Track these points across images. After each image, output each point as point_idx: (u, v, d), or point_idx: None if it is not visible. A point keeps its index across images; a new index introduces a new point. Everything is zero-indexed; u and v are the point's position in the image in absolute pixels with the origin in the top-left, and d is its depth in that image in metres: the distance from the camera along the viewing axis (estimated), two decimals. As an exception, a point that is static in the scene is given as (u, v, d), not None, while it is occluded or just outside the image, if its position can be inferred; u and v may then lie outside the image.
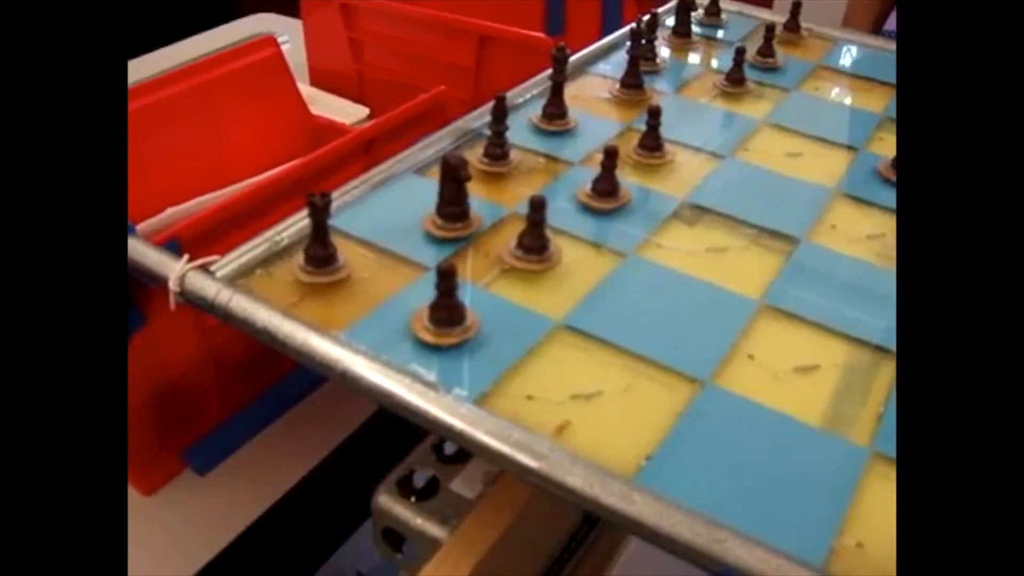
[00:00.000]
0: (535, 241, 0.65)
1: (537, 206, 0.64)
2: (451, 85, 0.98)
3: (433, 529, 0.56)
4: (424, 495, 0.60)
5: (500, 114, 0.77)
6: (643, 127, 0.81)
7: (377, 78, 1.26)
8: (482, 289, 0.64)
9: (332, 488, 0.87)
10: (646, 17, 0.98)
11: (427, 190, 0.74)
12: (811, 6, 1.17)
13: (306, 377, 0.90)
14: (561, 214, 0.72)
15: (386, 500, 0.57)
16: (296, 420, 0.88)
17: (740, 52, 0.96)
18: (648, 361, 0.59)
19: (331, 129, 1.05)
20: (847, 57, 1.09)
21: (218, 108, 0.99)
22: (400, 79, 1.22)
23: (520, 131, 0.84)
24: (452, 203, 0.68)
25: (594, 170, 0.74)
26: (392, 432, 0.92)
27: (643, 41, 0.96)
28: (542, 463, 0.50)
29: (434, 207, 0.69)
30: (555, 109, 0.85)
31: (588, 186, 0.74)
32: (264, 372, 0.85)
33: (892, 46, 1.14)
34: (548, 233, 0.68)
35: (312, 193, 0.62)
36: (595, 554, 0.72)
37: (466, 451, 0.59)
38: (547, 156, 0.81)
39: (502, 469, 0.52)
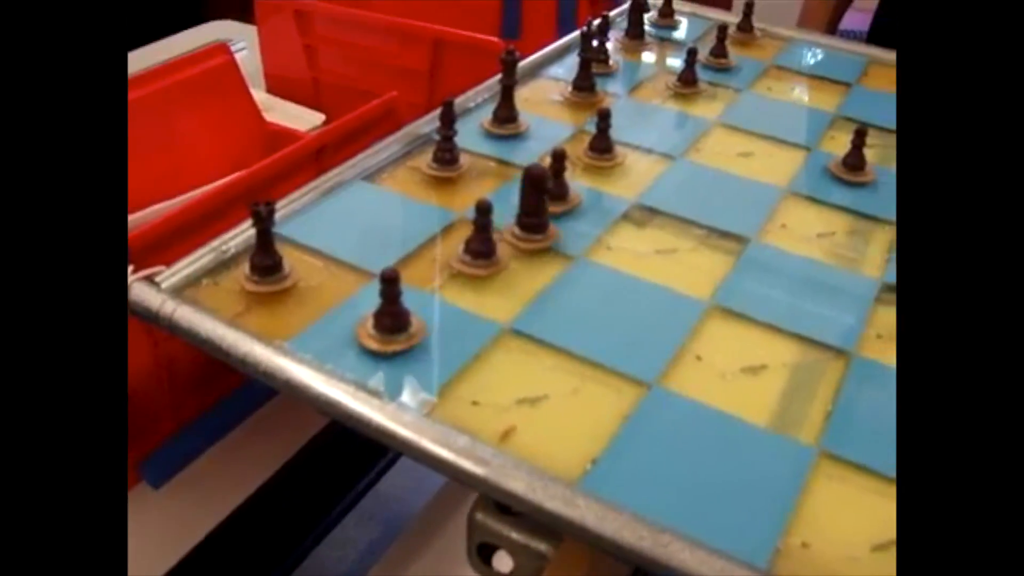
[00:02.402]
0: (482, 245, 0.65)
1: (483, 210, 0.64)
2: (406, 90, 0.98)
3: (539, 544, 0.54)
4: (509, 510, 0.57)
5: (448, 119, 0.76)
6: (594, 130, 0.81)
7: (333, 84, 1.25)
8: (429, 295, 0.64)
9: (289, 499, 0.86)
10: (596, 21, 0.98)
11: (376, 197, 0.74)
12: (766, 7, 1.17)
13: (261, 387, 0.90)
14: (511, 219, 0.72)
15: (483, 516, 0.55)
16: (252, 431, 0.87)
17: (692, 53, 0.96)
18: (595, 364, 0.58)
19: (286, 136, 1.05)
20: (800, 57, 1.10)
21: (171, 116, 0.98)
22: (356, 84, 1.21)
23: (471, 135, 0.84)
24: (535, 214, 0.69)
25: (544, 174, 0.74)
26: (350, 441, 0.92)
27: (595, 43, 0.96)
28: (486, 469, 0.50)
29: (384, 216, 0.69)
30: (506, 113, 0.85)
31: (538, 190, 0.74)
32: (218, 382, 0.84)
33: (846, 45, 1.14)
34: (496, 237, 0.67)
35: (256, 202, 0.62)
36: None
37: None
38: (498, 160, 0.81)
39: (446, 475, 0.51)
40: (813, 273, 0.70)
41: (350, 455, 0.94)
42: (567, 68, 0.98)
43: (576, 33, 1.04)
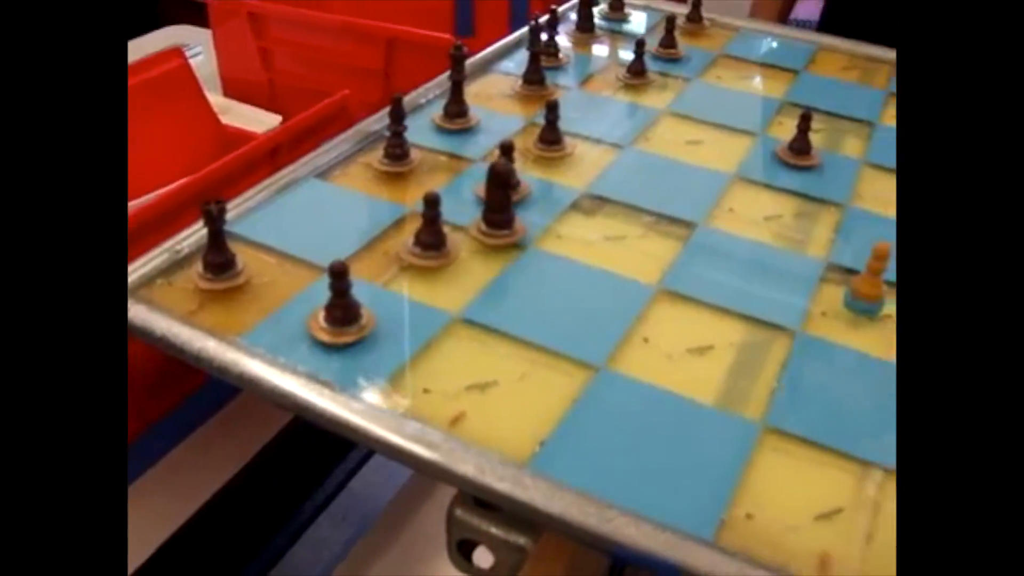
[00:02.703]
0: (431, 238, 0.66)
1: (431, 202, 0.65)
2: (361, 89, 0.99)
3: (518, 538, 0.54)
4: (491, 505, 0.56)
5: (398, 115, 0.77)
6: (544, 122, 0.82)
7: (289, 85, 1.26)
8: (380, 287, 0.64)
9: (257, 495, 0.87)
10: (544, 17, 0.99)
11: (329, 193, 0.75)
12: (718, -1, 1.19)
13: (224, 386, 0.90)
14: (462, 210, 0.73)
15: (462, 512, 0.55)
16: (216, 429, 0.88)
17: (640, 44, 0.97)
18: (544, 350, 0.60)
19: (242, 138, 1.05)
20: (749, 46, 1.11)
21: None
22: (311, 85, 1.21)
23: (422, 131, 0.85)
24: (500, 210, 0.70)
25: (495, 166, 0.75)
26: (315, 437, 0.93)
27: (545, 38, 0.97)
28: (436, 453, 0.51)
29: (338, 213, 0.70)
30: (456, 108, 0.85)
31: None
32: (181, 383, 0.84)
33: (795, 34, 1.16)
34: (447, 229, 0.68)
35: (206, 201, 0.62)
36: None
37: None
38: (449, 154, 0.82)
39: (399, 461, 0.52)
40: (760, 255, 0.71)
41: (317, 450, 0.95)
42: (518, 63, 0.99)
43: (526, 28, 1.05)
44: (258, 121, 1.22)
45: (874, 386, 0.60)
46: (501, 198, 0.69)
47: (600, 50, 1.07)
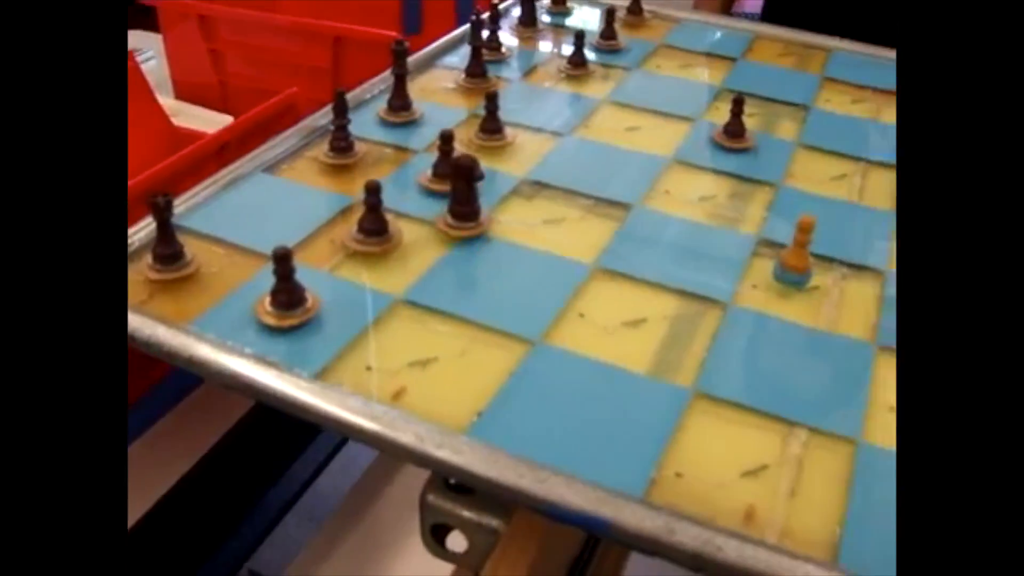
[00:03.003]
0: (373, 224, 0.68)
1: (372, 190, 0.67)
2: (311, 87, 1.01)
3: (490, 520, 0.56)
4: (463, 490, 0.58)
5: (341, 109, 0.79)
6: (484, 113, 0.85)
7: (240, 86, 1.28)
8: (326, 273, 0.66)
9: (212, 487, 0.89)
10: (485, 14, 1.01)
11: (276, 187, 0.77)
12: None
13: (174, 385, 0.92)
14: (405, 199, 0.75)
15: (435, 497, 0.57)
16: (170, 426, 0.90)
17: (579, 36, 1.00)
18: (483, 327, 0.62)
19: (194, 139, 1.07)
20: (689, 36, 1.14)
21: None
22: (262, 86, 1.23)
23: (368, 125, 0.87)
24: (465, 203, 0.71)
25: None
26: (271, 429, 0.95)
27: (486, 31, 0.99)
28: (377, 424, 0.53)
29: (288, 208, 0.72)
30: (399, 101, 0.88)
31: (429, 171, 0.77)
32: (135, 381, 0.86)
33: (734, 24, 1.19)
34: (391, 217, 0.71)
35: (154, 194, 0.64)
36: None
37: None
38: (393, 146, 0.84)
39: (344, 435, 0.54)
40: (694, 233, 0.74)
41: (274, 443, 0.96)
42: (461, 57, 1.01)
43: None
44: (210, 122, 1.24)
45: (801, 352, 0.63)
46: (466, 190, 0.71)
47: (543, 44, 1.09)
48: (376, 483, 1.02)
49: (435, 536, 0.58)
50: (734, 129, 0.87)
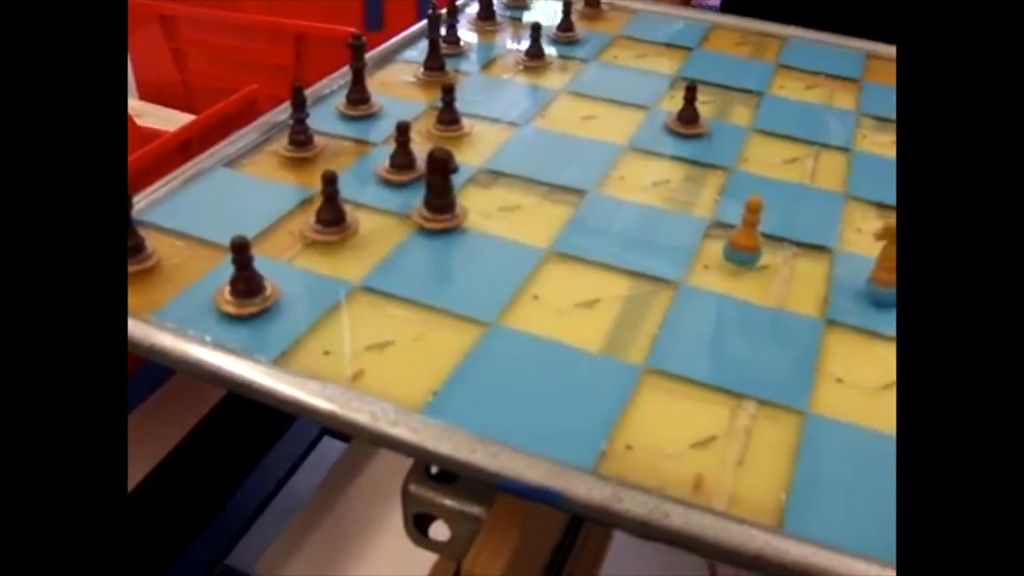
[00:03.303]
0: (331, 214, 0.69)
1: (328, 181, 0.68)
2: (274, 85, 1.02)
3: (472, 508, 0.56)
4: (444, 479, 0.58)
5: (299, 103, 0.80)
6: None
7: (203, 86, 1.29)
8: (286, 263, 0.68)
9: (181, 481, 0.90)
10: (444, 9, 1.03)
11: (236, 181, 0.78)
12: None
13: (144, 379, 0.93)
14: (364, 190, 0.76)
15: (416, 487, 0.56)
16: (140, 418, 0.91)
17: (536, 28, 1.01)
18: (439, 311, 0.63)
19: (156, 138, 1.08)
20: (646, 27, 1.16)
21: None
22: (225, 85, 1.24)
23: (327, 119, 0.88)
24: (440, 195, 0.72)
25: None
26: (240, 422, 0.96)
27: (444, 25, 1.01)
28: (334, 405, 0.54)
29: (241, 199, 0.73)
30: (358, 95, 0.89)
31: (387, 162, 0.78)
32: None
33: (691, 14, 1.21)
34: (350, 207, 0.72)
35: (113, 188, 0.65)
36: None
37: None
38: (352, 139, 0.85)
39: (302, 416, 0.55)
40: (647, 217, 0.76)
41: (245, 434, 0.97)
42: (421, 52, 1.02)
43: (429, 18, 1.09)
44: (174, 123, 1.24)
45: (750, 328, 0.64)
46: (441, 183, 0.72)
47: (501, 37, 1.11)
48: (346, 475, 1.03)
49: (418, 526, 0.59)
50: (687, 116, 0.88)
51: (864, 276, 0.68)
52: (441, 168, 0.71)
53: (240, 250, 0.61)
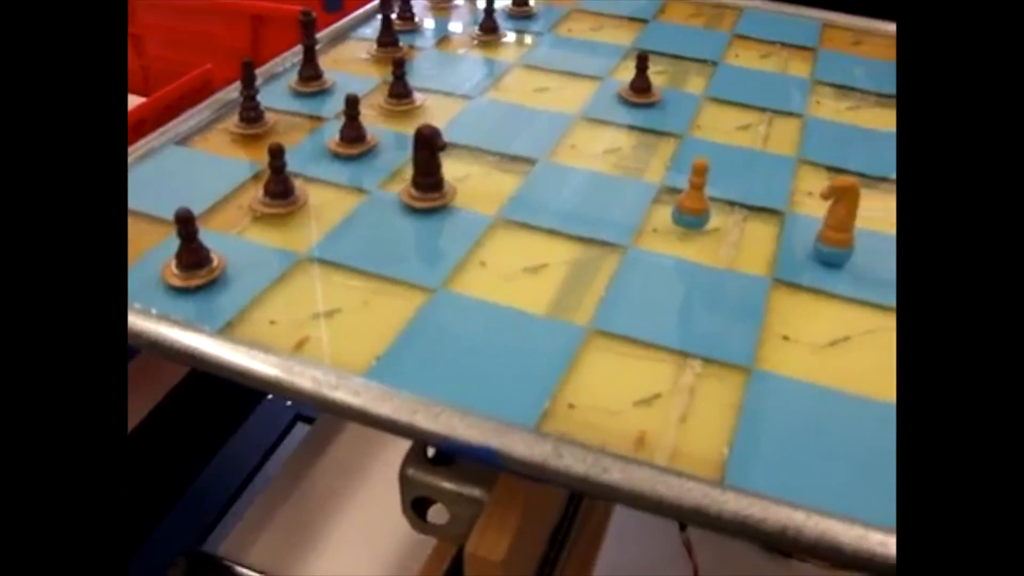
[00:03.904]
0: (278, 187, 0.69)
1: (275, 154, 0.68)
2: (231, 67, 1.01)
3: (472, 490, 0.56)
4: (441, 461, 0.58)
5: (249, 79, 0.80)
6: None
7: (162, 70, 1.28)
8: (235, 237, 0.68)
9: (141, 466, 0.90)
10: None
11: (188, 158, 0.78)
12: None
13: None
14: (314, 164, 0.76)
15: (414, 471, 0.56)
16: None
17: (490, 2, 1.01)
18: (385, 279, 0.63)
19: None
20: (602, 0, 1.16)
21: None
22: (184, 69, 1.23)
23: (280, 96, 0.88)
24: (427, 173, 0.72)
25: (348, 122, 0.79)
26: (198, 406, 0.96)
27: (398, 2, 1.01)
28: (276, 370, 0.54)
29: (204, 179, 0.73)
30: (310, 71, 0.89)
31: (338, 136, 0.78)
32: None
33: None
34: (300, 181, 0.72)
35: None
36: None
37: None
38: (304, 115, 0.85)
39: (247, 384, 0.56)
40: (597, 184, 0.76)
41: (205, 417, 0.97)
42: (375, 29, 1.02)
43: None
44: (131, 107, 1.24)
45: (698, 288, 0.65)
46: (428, 161, 0.71)
47: (456, 14, 1.11)
48: (310, 455, 1.04)
49: (415, 510, 0.59)
50: (639, 85, 0.88)
51: (813, 237, 0.68)
52: (428, 145, 0.70)
53: (184, 222, 0.61)
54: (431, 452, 0.57)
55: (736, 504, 0.48)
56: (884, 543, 0.46)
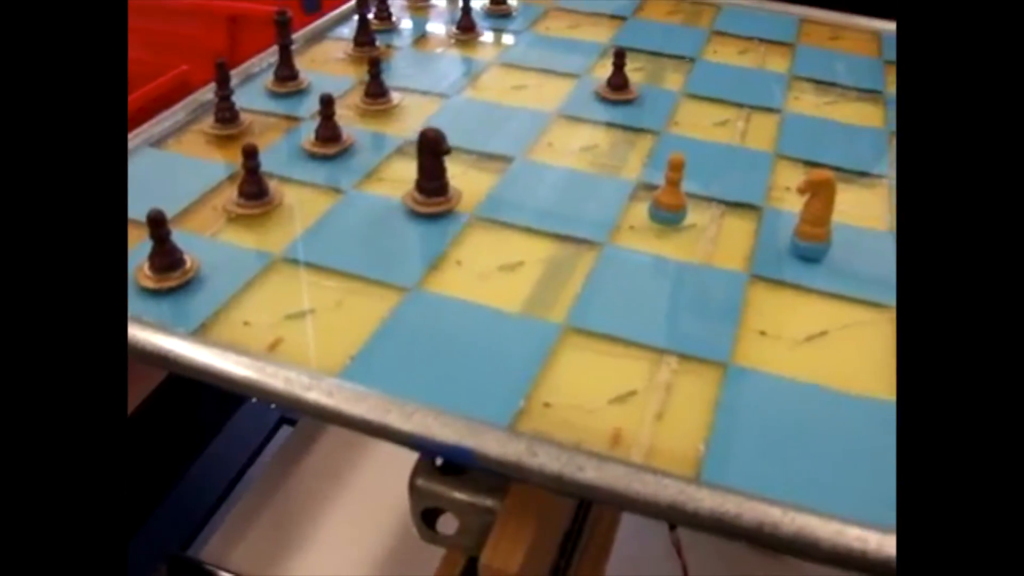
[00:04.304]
0: (252, 187, 0.69)
1: (248, 154, 0.68)
2: (209, 69, 1.00)
3: (484, 500, 0.55)
4: (451, 471, 0.56)
5: (223, 79, 0.80)
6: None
7: (140, 73, 1.27)
8: (208, 238, 0.67)
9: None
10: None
11: (162, 160, 0.78)
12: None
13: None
14: (289, 164, 0.76)
15: (425, 481, 0.55)
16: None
17: (467, 1, 1.01)
18: (359, 278, 0.63)
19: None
20: (580, -2, 1.16)
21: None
22: (162, 71, 1.23)
23: (255, 97, 0.88)
24: (432, 177, 0.71)
25: (324, 123, 0.79)
26: (179, 410, 0.95)
27: (375, 2, 1.00)
28: (249, 371, 0.54)
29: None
30: (286, 71, 0.89)
31: (312, 136, 0.78)
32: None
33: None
34: (275, 182, 0.72)
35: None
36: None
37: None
38: (280, 115, 0.85)
39: (221, 387, 0.55)
40: (574, 181, 0.76)
41: (185, 421, 0.97)
42: (352, 29, 1.02)
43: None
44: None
45: (675, 285, 0.64)
46: (433, 165, 0.71)
47: (434, 13, 1.10)
48: (291, 459, 1.03)
49: (425, 520, 0.58)
50: (617, 82, 0.88)
51: (791, 232, 0.68)
52: (432, 149, 0.69)
53: (156, 224, 0.60)
54: (439, 461, 0.56)
55: (712, 501, 0.47)
56: (862, 538, 0.46)
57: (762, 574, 0.95)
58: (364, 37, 0.96)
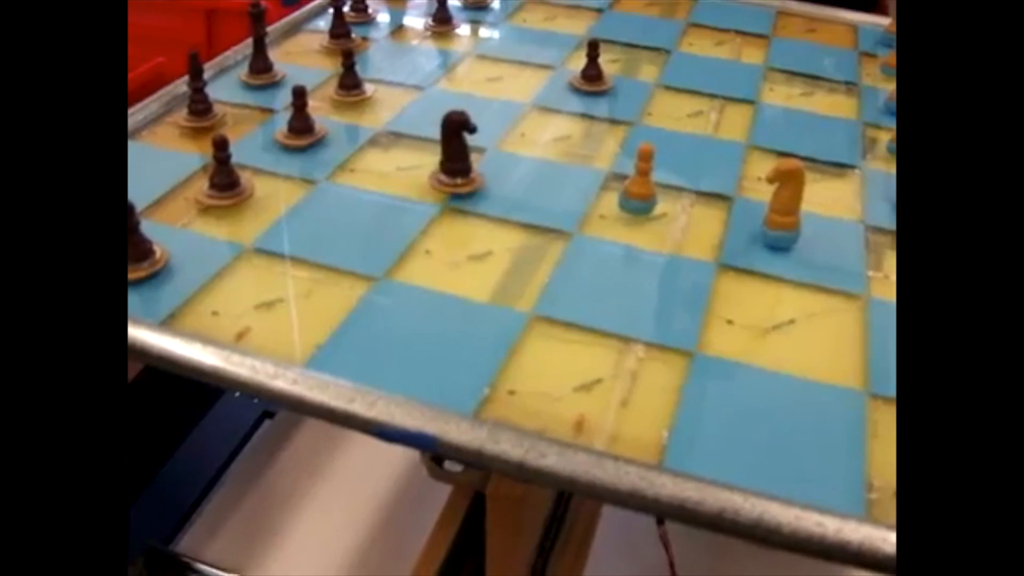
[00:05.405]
0: (223, 179, 0.69)
1: (219, 145, 0.68)
2: (185, 61, 1.00)
3: None
4: None
5: (196, 71, 0.80)
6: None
7: (118, 67, 1.27)
8: (179, 229, 0.67)
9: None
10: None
11: (136, 152, 0.78)
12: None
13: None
14: (262, 155, 0.76)
15: None
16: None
17: (442, -7, 1.01)
18: (328, 268, 0.63)
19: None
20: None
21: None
22: (139, 64, 1.23)
23: (230, 89, 0.88)
24: (456, 159, 0.72)
25: (298, 114, 0.79)
26: (155, 403, 0.95)
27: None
28: (215, 360, 0.54)
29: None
30: (260, 63, 0.89)
31: (285, 128, 0.78)
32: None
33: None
34: (247, 173, 0.72)
35: None
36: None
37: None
38: (254, 107, 0.85)
39: (188, 376, 0.55)
40: (546, 171, 0.76)
41: (166, 409, 0.97)
42: (328, 21, 1.02)
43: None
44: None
45: (643, 274, 0.65)
46: (457, 147, 0.71)
47: (411, 6, 1.11)
48: (267, 451, 1.03)
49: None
50: (591, 73, 0.88)
51: (760, 221, 0.68)
52: (457, 129, 0.70)
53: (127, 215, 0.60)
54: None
55: (673, 487, 0.48)
56: (820, 523, 0.46)
57: (748, 567, 0.95)
58: (340, 29, 0.96)
